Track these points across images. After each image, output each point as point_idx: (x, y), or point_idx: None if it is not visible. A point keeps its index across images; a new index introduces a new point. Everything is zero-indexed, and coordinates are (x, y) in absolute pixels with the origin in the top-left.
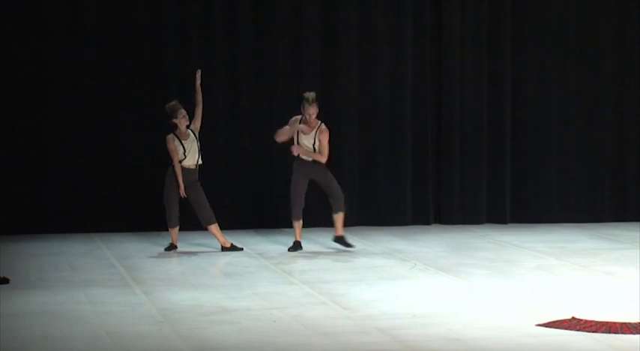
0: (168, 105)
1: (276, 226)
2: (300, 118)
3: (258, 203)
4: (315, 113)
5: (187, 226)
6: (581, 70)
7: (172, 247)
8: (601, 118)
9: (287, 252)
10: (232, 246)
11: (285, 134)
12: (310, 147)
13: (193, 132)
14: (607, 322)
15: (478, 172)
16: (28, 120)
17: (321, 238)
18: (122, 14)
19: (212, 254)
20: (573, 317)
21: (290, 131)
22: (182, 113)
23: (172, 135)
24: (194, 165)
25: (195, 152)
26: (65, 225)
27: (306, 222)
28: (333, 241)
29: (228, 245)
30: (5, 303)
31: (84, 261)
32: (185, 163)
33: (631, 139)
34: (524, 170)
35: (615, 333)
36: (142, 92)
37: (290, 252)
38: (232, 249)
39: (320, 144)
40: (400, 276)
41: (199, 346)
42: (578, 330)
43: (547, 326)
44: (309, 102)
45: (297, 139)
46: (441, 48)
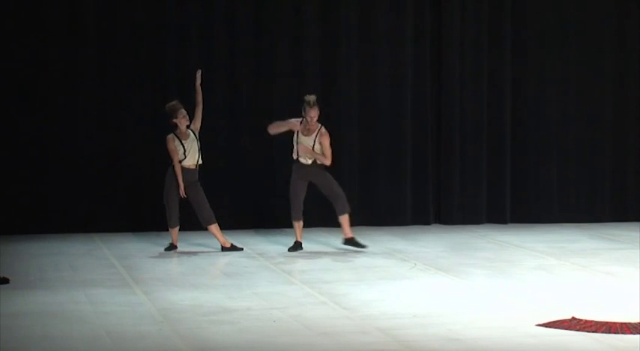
0: (168, 105)
1: (276, 226)
2: (300, 121)
3: (258, 203)
4: (316, 116)
5: (187, 226)
6: (581, 70)
7: (172, 247)
8: (601, 118)
9: (287, 252)
10: (232, 246)
11: (278, 127)
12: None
13: (193, 132)
14: (607, 322)
15: (478, 172)
16: (28, 120)
17: (321, 238)
18: (122, 14)
19: (212, 254)
20: (573, 317)
21: (284, 126)
22: (182, 113)
23: (172, 135)
24: (194, 165)
25: (195, 152)
26: (65, 225)
27: (306, 222)
28: (344, 244)
29: (228, 245)
30: (5, 303)
31: (84, 261)
32: (185, 163)
33: (631, 139)
34: (524, 170)
35: (615, 333)
36: (142, 92)
37: (290, 252)
38: (232, 249)
39: (322, 147)
40: (400, 276)
41: (199, 346)
42: (578, 330)
43: (547, 326)
44: (310, 105)
45: (296, 140)
46: (441, 48)
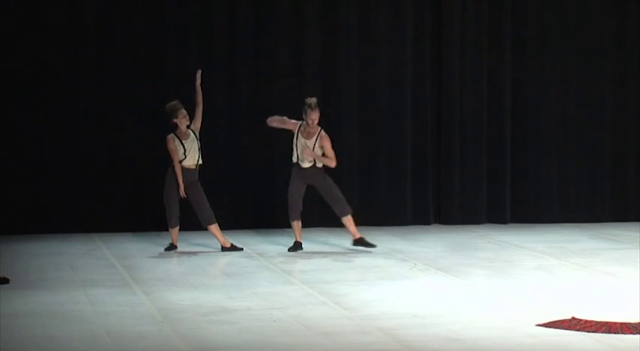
0: (168, 105)
1: (276, 227)
2: (301, 123)
3: (258, 203)
4: (317, 119)
5: (187, 226)
6: (581, 70)
7: (172, 247)
8: (601, 118)
9: (287, 252)
10: (232, 246)
11: (278, 122)
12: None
13: (193, 132)
14: (607, 322)
15: (478, 172)
16: (28, 120)
17: (321, 238)
18: (122, 14)
19: (212, 254)
20: (573, 317)
21: (284, 124)
22: (182, 113)
23: (172, 135)
24: (194, 165)
25: (195, 152)
26: (65, 225)
27: (305, 222)
28: (353, 245)
29: (228, 245)
30: (5, 303)
31: (84, 261)
32: (185, 163)
33: (631, 139)
34: (524, 170)
35: (615, 333)
36: (142, 92)
37: (290, 252)
38: (232, 249)
39: (324, 150)
40: (400, 276)
41: (199, 346)
42: (578, 330)
43: (547, 326)
44: (311, 107)
45: (296, 144)
46: (441, 48)
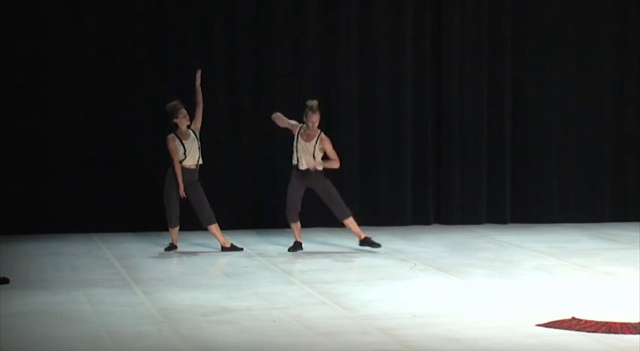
0: (169, 105)
1: (275, 227)
2: (301, 126)
3: (258, 203)
4: (317, 122)
5: (187, 226)
6: (581, 70)
7: (172, 247)
8: (601, 118)
9: (287, 252)
10: (232, 246)
11: (282, 121)
12: (311, 156)
13: (194, 132)
14: (607, 322)
15: (478, 172)
16: (28, 120)
17: (321, 238)
18: (122, 14)
19: (212, 254)
20: (573, 317)
21: (286, 123)
22: (183, 113)
23: (173, 135)
24: (194, 165)
25: (195, 152)
26: (65, 225)
27: (305, 222)
28: (360, 245)
29: (228, 245)
30: (5, 303)
31: (84, 261)
32: (185, 163)
33: (631, 139)
34: (524, 170)
35: (615, 333)
36: (142, 92)
37: (290, 252)
38: (232, 249)
39: (326, 152)
40: (400, 276)
41: (199, 346)
42: (578, 330)
43: (547, 326)
44: (312, 110)
45: (296, 146)
46: (441, 48)
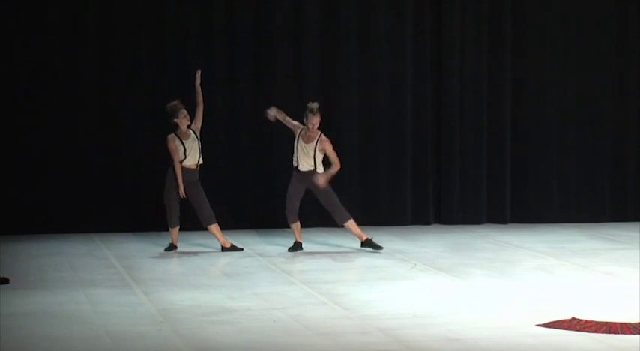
0: (169, 105)
1: (276, 227)
2: (302, 127)
3: (258, 203)
4: (317, 124)
5: (187, 226)
6: (581, 70)
7: (172, 247)
8: (601, 119)
9: (287, 252)
10: (232, 246)
11: (283, 119)
12: (311, 158)
13: (194, 132)
14: (607, 322)
15: (478, 172)
16: (28, 120)
17: (321, 238)
18: (122, 14)
19: (212, 254)
20: (573, 317)
21: (288, 123)
22: (183, 113)
23: (173, 135)
24: (195, 165)
25: (195, 152)
26: (65, 225)
27: (305, 222)
28: (361, 247)
29: (228, 245)
30: (5, 303)
31: (84, 261)
32: (186, 163)
33: (631, 139)
34: (524, 170)
35: (615, 333)
36: (142, 92)
37: (290, 252)
38: (232, 249)
39: (327, 153)
40: (400, 276)
41: (199, 346)
42: (578, 330)
43: (547, 326)
44: (312, 112)
45: (296, 147)
46: (441, 48)
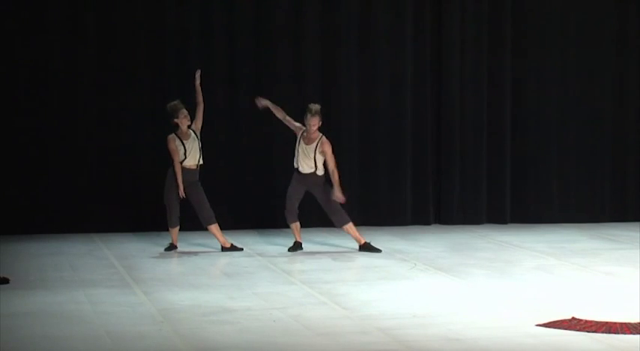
0: (169, 105)
1: (275, 227)
2: (304, 129)
3: (258, 203)
4: (316, 125)
5: (187, 226)
6: (581, 70)
7: (172, 247)
8: (601, 118)
9: (287, 252)
10: (232, 246)
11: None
12: (311, 160)
13: (194, 132)
14: (607, 322)
15: (478, 172)
16: (28, 120)
17: (321, 238)
18: (122, 14)
19: (212, 254)
20: (573, 317)
21: (289, 123)
22: (183, 113)
23: (173, 135)
24: (195, 165)
25: (196, 152)
26: (65, 225)
27: (305, 222)
28: (359, 250)
29: (228, 245)
30: (5, 303)
31: (84, 261)
32: (186, 163)
33: (631, 139)
34: (524, 170)
35: (615, 333)
36: (142, 92)
37: (290, 252)
38: (232, 249)
39: (325, 155)
40: (400, 276)
41: (199, 346)
42: (578, 330)
43: (547, 326)
44: (311, 113)
45: (297, 149)
46: (441, 48)
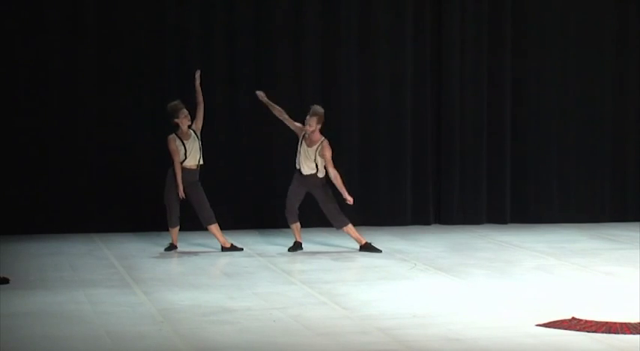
0: (170, 105)
1: (275, 227)
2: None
3: (258, 203)
4: (313, 126)
5: (187, 226)
6: (581, 70)
7: (172, 247)
8: (601, 118)
9: (287, 252)
10: (232, 246)
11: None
12: (312, 162)
13: (195, 132)
14: (607, 322)
15: (478, 172)
16: (28, 120)
17: (321, 238)
18: (122, 14)
19: (212, 254)
20: (573, 317)
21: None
22: (184, 113)
23: (174, 135)
24: (195, 165)
25: (196, 152)
26: (65, 225)
27: (305, 222)
28: (360, 250)
29: (228, 245)
30: (5, 303)
31: (84, 261)
32: (186, 164)
33: (631, 139)
34: (524, 170)
35: (615, 333)
36: (142, 92)
37: (290, 252)
38: (232, 249)
39: (324, 159)
40: (400, 276)
41: (199, 346)
42: (578, 330)
43: (547, 326)
44: (310, 114)
45: (299, 150)
46: (441, 48)
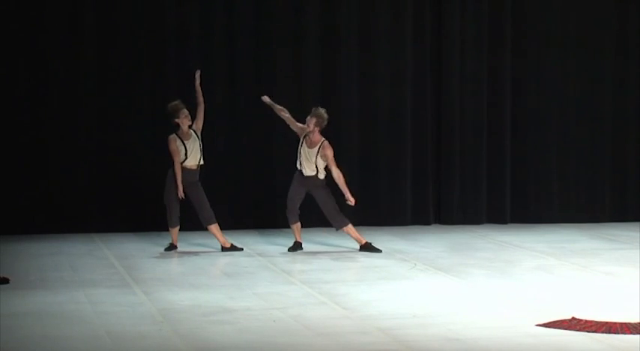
0: (170, 105)
1: (275, 227)
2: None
3: (258, 203)
4: (312, 126)
5: (187, 226)
6: (581, 70)
7: (172, 247)
8: (601, 118)
9: (287, 252)
10: (232, 246)
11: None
12: (312, 163)
13: (195, 132)
14: (607, 322)
15: (478, 172)
16: (28, 120)
17: (321, 238)
18: (122, 14)
19: (212, 254)
20: (573, 317)
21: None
22: (184, 113)
23: (174, 135)
24: (195, 165)
25: (197, 152)
26: (65, 225)
27: (305, 222)
28: (360, 250)
29: (228, 245)
30: (5, 303)
31: (84, 261)
32: (187, 164)
33: (631, 139)
34: (524, 170)
35: (615, 333)
36: (142, 92)
37: (290, 252)
38: (232, 249)
39: (327, 160)
40: (400, 276)
41: (199, 346)
42: (578, 330)
43: (547, 326)
44: (310, 114)
45: (300, 151)
46: (441, 48)
